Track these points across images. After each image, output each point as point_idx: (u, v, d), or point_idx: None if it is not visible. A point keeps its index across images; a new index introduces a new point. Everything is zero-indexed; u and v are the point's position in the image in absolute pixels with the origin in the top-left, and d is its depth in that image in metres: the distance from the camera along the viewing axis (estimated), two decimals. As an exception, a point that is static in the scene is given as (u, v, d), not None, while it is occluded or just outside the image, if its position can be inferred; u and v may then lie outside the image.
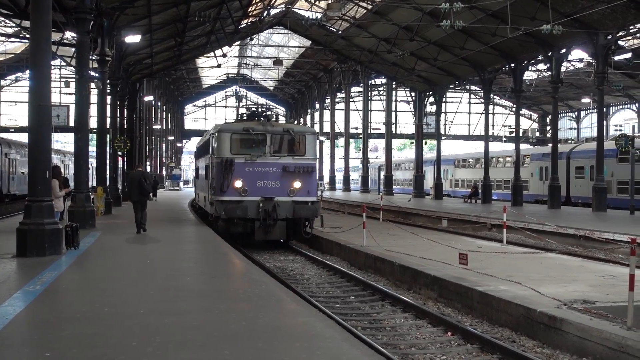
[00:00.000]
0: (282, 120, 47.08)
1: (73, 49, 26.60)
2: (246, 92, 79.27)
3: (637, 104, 64.61)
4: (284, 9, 51.28)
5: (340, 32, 49.95)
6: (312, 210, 20.24)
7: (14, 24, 33.71)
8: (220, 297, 9.47)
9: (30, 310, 8.17)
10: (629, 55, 41.35)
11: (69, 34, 28.28)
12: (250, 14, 45.97)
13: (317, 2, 45.59)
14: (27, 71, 12.84)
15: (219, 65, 56.18)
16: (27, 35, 17.88)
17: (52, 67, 17.82)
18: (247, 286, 10.48)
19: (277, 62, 58.32)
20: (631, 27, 32.62)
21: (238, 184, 19.40)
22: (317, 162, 21.76)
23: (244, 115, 22.60)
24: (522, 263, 14.90)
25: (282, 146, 20.30)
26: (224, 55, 53.88)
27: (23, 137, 44.46)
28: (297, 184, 19.83)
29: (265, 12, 49.09)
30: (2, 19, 33.38)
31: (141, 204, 19.09)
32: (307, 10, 48.46)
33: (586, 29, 32.09)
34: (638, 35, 35.30)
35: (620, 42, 36.99)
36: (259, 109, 22.77)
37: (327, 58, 61.86)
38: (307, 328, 7.54)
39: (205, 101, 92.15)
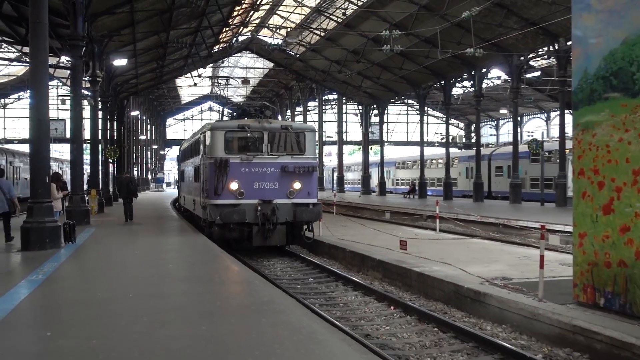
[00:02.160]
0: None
1: (68, 71, 26.19)
2: (219, 107, 78.83)
3: (545, 114, 65.95)
4: (250, 36, 51.11)
5: (298, 55, 49.98)
6: (314, 214, 16.22)
7: (15, 50, 33.03)
8: (199, 281, 9.44)
9: (33, 297, 8.05)
10: (538, 73, 42.16)
11: (64, 58, 27.99)
12: (221, 41, 45.71)
13: (278, 30, 45.51)
14: (28, 91, 12.60)
15: (195, 84, 55.71)
16: (28, 60, 17.56)
17: (50, 87, 17.51)
18: (221, 272, 10.45)
19: (245, 81, 57.83)
20: (540, 50, 33.23)
21: (234, 186, 15.54)
22: (318, 162, 17.44)
23: (233, 113, 18.31)
24: (452, 247, 15.10)
25: (281, 144, 16.30)
26: (199, 76, 53.65)
27: (25, 148, 43.60)
28: (297, 185, 16.04)
29: (234, 39, 48.87)
30: (6, 45, 32.73)
31: (129, 200, 21.64)
32: (270, 37, 48.29)
33: (503, 52, 32.67)
34: (545, 56, 35.94)
35: (531, 63, 37.67)
36: (251, 108, 18.50)
37: (288, 77, 61.75)
38: (272, 306, 7.55)
39: (184, 115, 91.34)
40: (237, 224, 15.48)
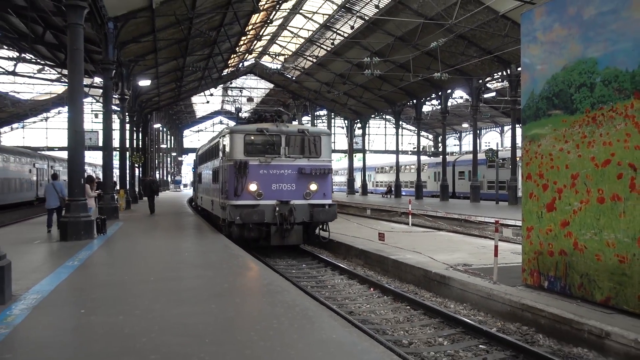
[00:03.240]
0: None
1: (100, 90, 26.09)
2: (228, 121, 78.62)
3: (500, 127, 66.25)
4: (253, 61, 51.03)
5: (294, 78, 49.91)
6: (330, 214, 14.69)
7: (56, 72, 32.85)
8: (209, 267, 9.40)
9: (69, 280, 8.00)
10: (494, 93, 42.38)
11: (97, 79, 27.84)
12: (230, 65, 45.66)
13: (277, 57, 45.52)
14: (67, 106, 12.52)
15: (207, 102, 55.57)
16: (66, 80, 17.49)
17: (85, 103, 17.47)
18: (229, 259, 10.44)
19: (249, 99, 57.73)
20: (495, 74, 33.38)
21: (252, 187, 14.02)
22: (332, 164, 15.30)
23: (250, 118, 16.62)
24: (422, 239, 15.13)
25: (298, 147, 14.70)
26: (211, 95, 53.48)
27: (64, 155, 43.40)
28: (313, 187, 14.51)
29: (240, 64, 48.79)
30: (48, 68, 32.57)
31: (152, 198, 23.71)
32: (270, 62, 48.32)
33: (464, 76, 32.80)
34: (499, 80, 36.09)
35: (488, 85, 37.83)
36: (266, 113, 16.24)
37: (285, 96, 61.58)
38: (271, 287, 7.53)
39: (198, 127, 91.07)
40: (256, 224, 13.97)
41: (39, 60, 28.68)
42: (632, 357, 5.70)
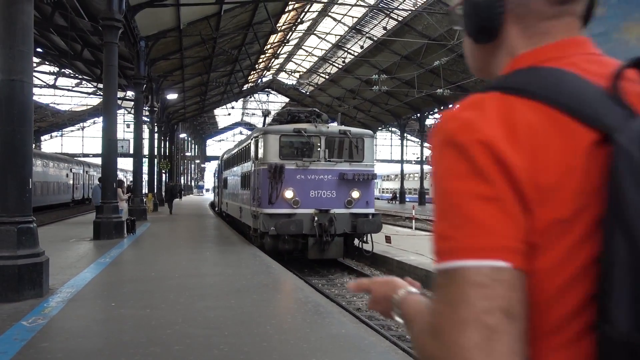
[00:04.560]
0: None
1: (132, 102, 26.33)
2: (247, 132, 79.05)
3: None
4: (271, 77, 51.33)
5: (308, 93, 50.13)
6: (374, 225, 11.91)
7: (92, 86, 33.27)
8: (229, 266, 9.39)
9: (101, 275, 8.05)
10: (492, 109, 42.16)
11: (129, 93, 28.10)
12: (249, 81, 45.93)
13: (293, 74, 45.73)
14: (101, 117, 12.63)
15: (229, 114, 55.94)
16: (101, 93, 17.69)
17: (118, 114, 17.63)
18: (247, 259, 10.44)
19: (267, 112, 58.24)
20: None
21: (289, 194, 11.51)
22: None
23: (281, 120, 13.86)
24: (425, 242, 15.00)
25: (338, 150, 12.19)
26: (232, 107, 53.87)
27: (98, 161, 43.89)
28: (355, 194, 11.88)
29: (259, 80, 49.09)
30: (85, 82, 33.00)
31: (171, 201, 24.99)
32: (287, 79, 48.54)
33: (465, 92, 32.61)
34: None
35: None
36: (301, 114, 13.22)
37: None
38: (286, 285, 7.52)
39: (220, 137, 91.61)
40: (292, 235, 11.40)
41: (77, 75, 29.09)
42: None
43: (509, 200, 0.67)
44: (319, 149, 11.93)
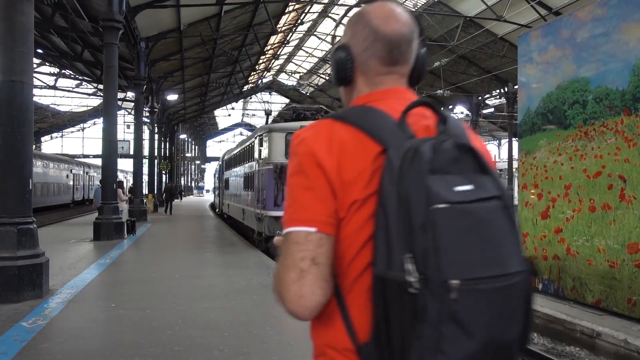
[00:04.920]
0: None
1: (132, 103, 26.36)
2: (248, 132, 79.06)
3: (497, 141, 65.87)
4: (271, 78, 51.36)
5: (308, 93, 50.13)
6: None
7: (92, 87, 33.30)
8: (229, 266, 9.39)
9: (102, 276, 8.04)
10: (492, 109, 42.09)
11: (130, 93, 28.13)
12: (250, 82, 45.94)
13: (293, 74, 45.75)
14: (102, 118, 12.61)
15: (229, 115, 55.92)
16: (102, 94, 17.72)
17: (118, 115, 17.64)
18: (246, 259, 10.44)
19: (267, 112, 58.21)
20: (493, 92, 33.25)
21: None
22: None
23: (285, 117, 11.33)
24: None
25: None
26: (233, 108, 53.85)
27: (98, 162, 43.97)
28: None
29: (260, 81, 49.10)
30: (85, 83, 33.02)
31: (170, 201, 25.20)
32: (287, 79, 48.58)
33: (465, 93, 32.69)
34: (497, 97, 35.94)
35: (486, 102, 37.66)
36: (306, 112, 12.97)
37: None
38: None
39: (220, 138, 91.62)
40: None
41: (77, 76, 29.10)
42: (621, 356, 5.61)
43: (322, 189, 1.02)
44: None
